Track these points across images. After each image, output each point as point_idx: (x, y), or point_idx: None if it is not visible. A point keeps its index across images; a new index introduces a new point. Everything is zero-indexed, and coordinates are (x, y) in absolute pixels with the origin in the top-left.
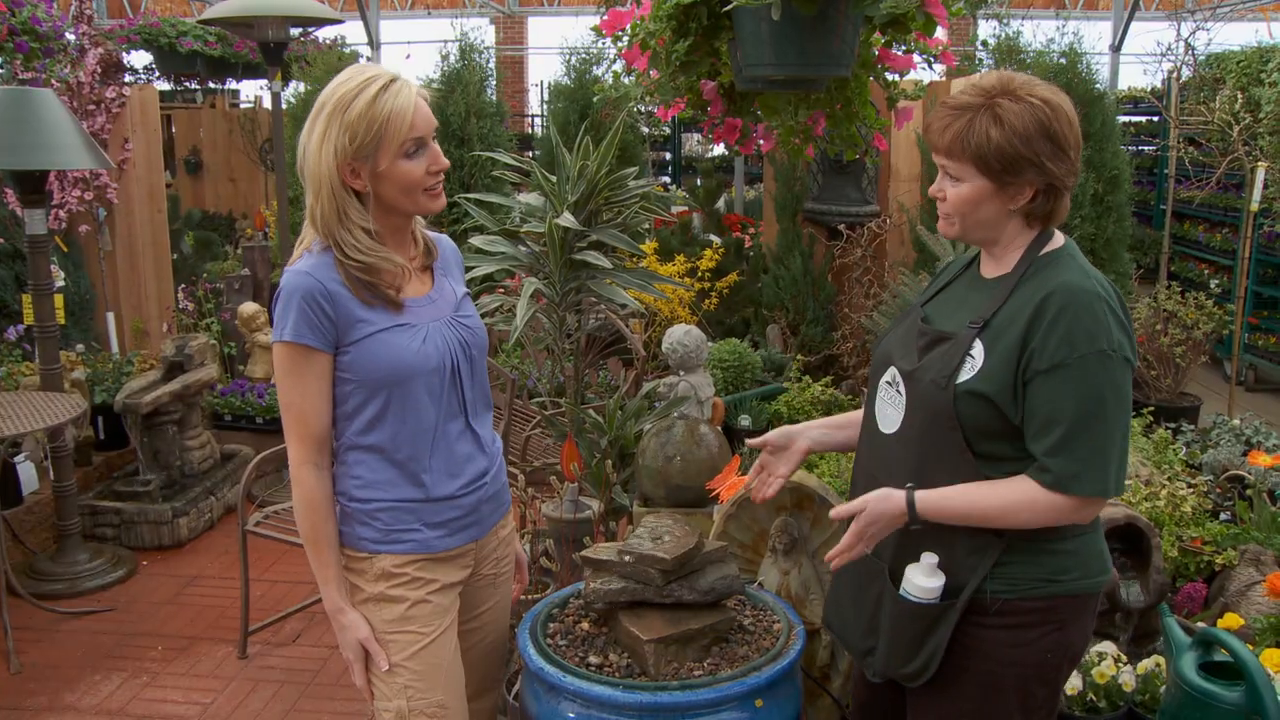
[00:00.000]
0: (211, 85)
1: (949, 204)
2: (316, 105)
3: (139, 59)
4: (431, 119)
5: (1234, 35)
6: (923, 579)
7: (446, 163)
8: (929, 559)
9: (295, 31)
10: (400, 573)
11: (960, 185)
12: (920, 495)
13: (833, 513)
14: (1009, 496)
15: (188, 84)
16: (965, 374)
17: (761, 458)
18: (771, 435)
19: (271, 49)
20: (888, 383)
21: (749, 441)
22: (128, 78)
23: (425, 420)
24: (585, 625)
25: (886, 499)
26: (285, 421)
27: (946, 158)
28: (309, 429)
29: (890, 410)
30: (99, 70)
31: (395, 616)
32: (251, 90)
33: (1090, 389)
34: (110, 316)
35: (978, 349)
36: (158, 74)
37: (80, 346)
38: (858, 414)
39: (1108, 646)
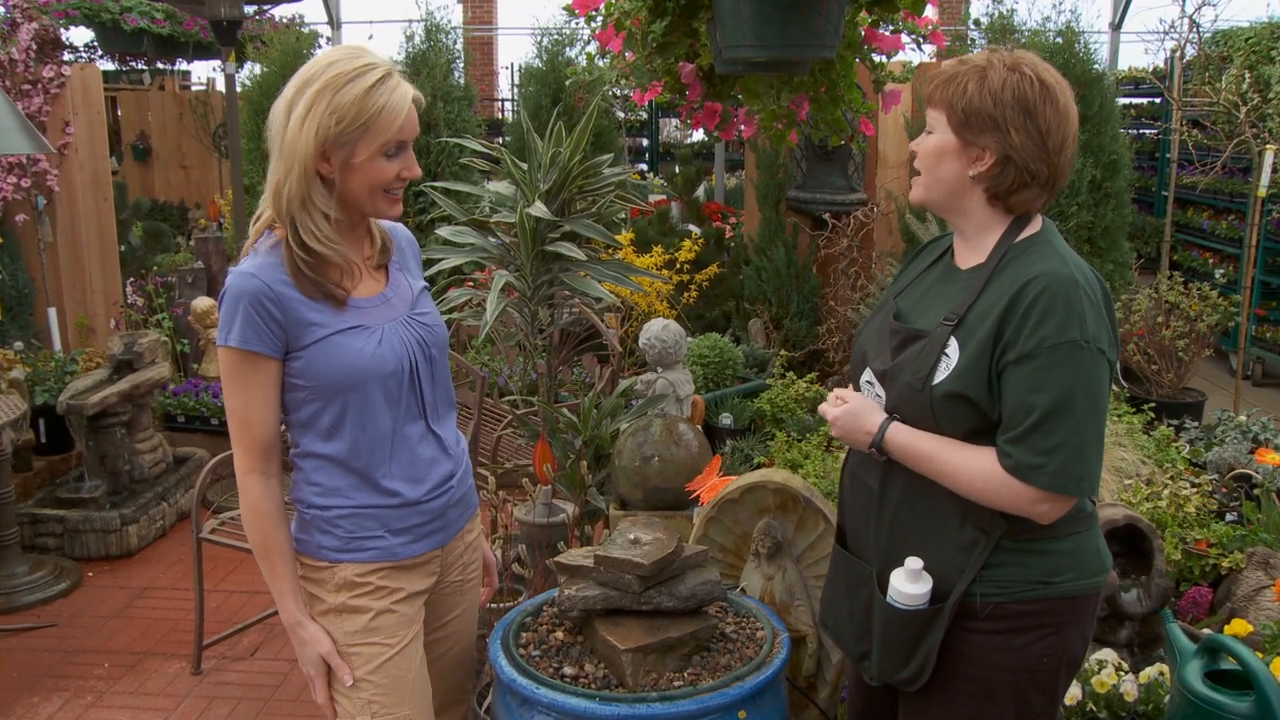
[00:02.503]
0: (160, 66)
1: (919, 157)
2: (301, 78)
3: (79, 36)
4: (417, 126)
5: (1242, 11)
6: (908, 585)
7: (419, 172)
8: (913, 564)
9: (250, 9)
10: (363, 582)
11: (931, 137)
12: (894, 425)
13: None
14: (972, 460)
15: (134, 64)
16: (941, 374)
17: None
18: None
19: (224, 28)
20: (867, 383)
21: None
22: (67, 56)
23: (383, 425)
24: (560, 634)
25: (866, 414)
26: (230, 428)
27: (928, 104)
28: (253, 436)
29: None
30: (34, 47)
31: (358, 628)
32: (203, 72)
33: (1059, 380)
34: (52, 312)
35: (953, 347)
36: (100, 53)
37: (19, 344)
38: None
39: (1108, 654)
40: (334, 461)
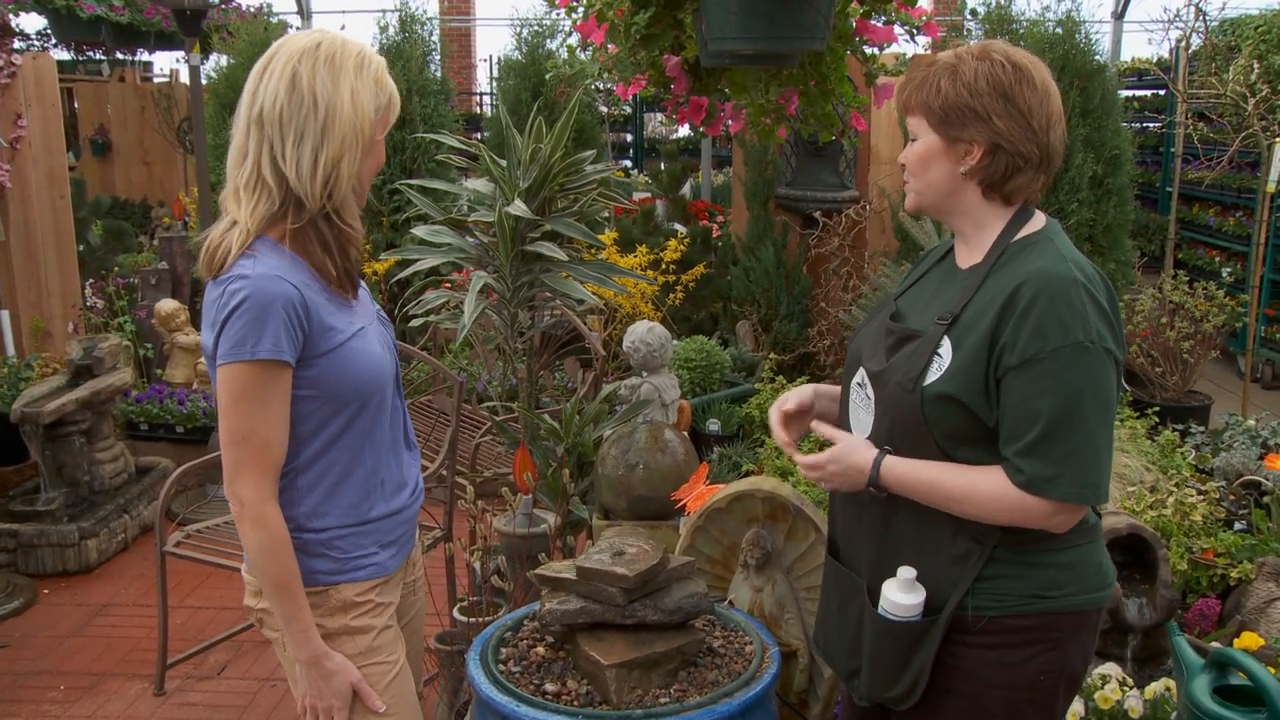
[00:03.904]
0: (120, 56)
1: (907, 166)
2: (324, 54)
3: (31, 23)
4: None
5: None
6: (900, 596)
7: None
8: (906, 573)
9: None
10: (365, 600)
11: (915, 143)
12: (889, 458)
13: (808, 455)
14: (979, 483)
15: (91, 53)
16: (933, 375)
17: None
18: (791, 406)
19: (188, 16)
20: (858, 384)
21: (772, 418)
22: (18, 44)
23: (383, 431)
24: (541, 650)
25: (857, 449)
26: (240, 453)
27: (904, 112)
28: (272, 459)
29: (862, 414)
30: None
31: (363, 648)
32: (166, 63)
33: (1066, 385)
34: (4, 315)
35: (945, 347)
36: (54, 41)
37: None
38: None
39: (1112, 668)
40: (332, 477)
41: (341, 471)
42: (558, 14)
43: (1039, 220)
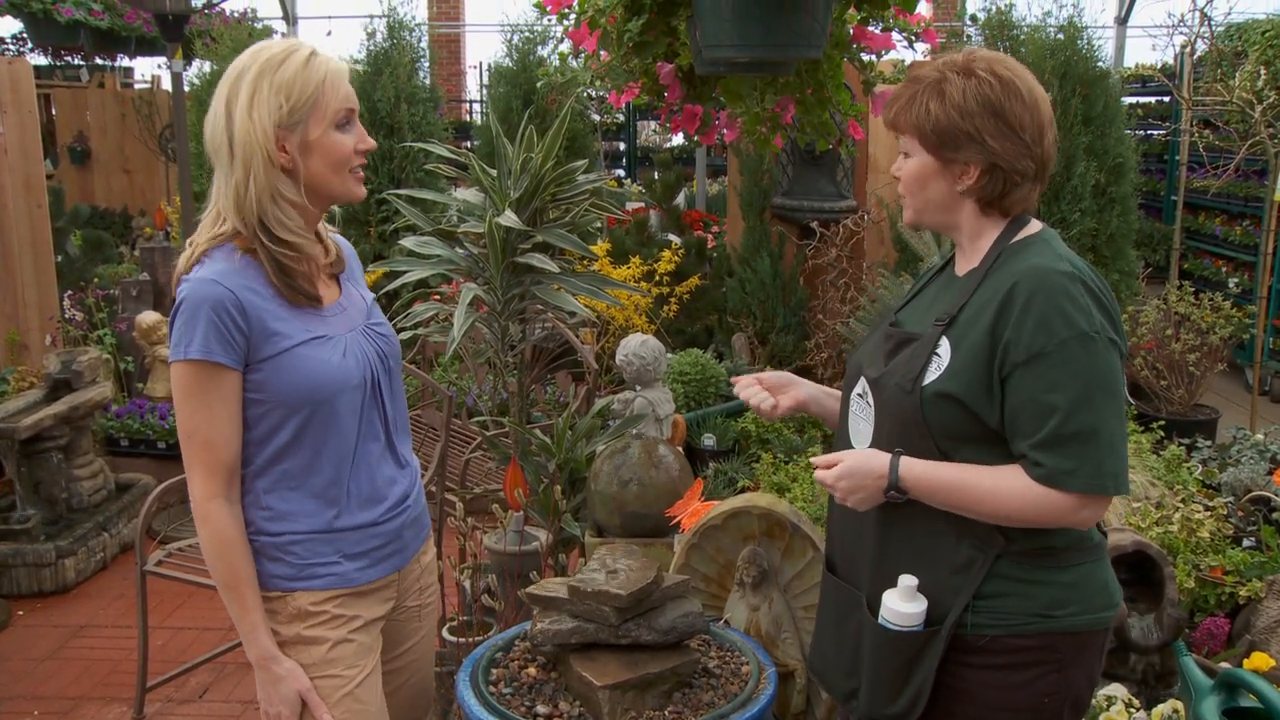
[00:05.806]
0: (99, 61)
1: (901, 182)
2: (233, 73)
3: (6, 27)
4: (355, 97)
5: (1257, 2)
6: (901, 604)
7: (373, 143)
8: (907, 581)
9: (198, 2)
10: (319, 610)
11: (909, 161)
12: (906, 459)
13: (814, 459)
14: (1002, 481)
15: (70, 59)
16: (931, 374)
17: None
18: (767, 375)
19: (170, 22)
20: (859, 395)
21: (734, 380)
22: None
23: (346, 442)
24: (532, 670)
25: (871, 456)
26: (188, 451)
27: (894, 130)
28: (218, 458)
29: (862, 424)
30: None
31: (316, 660)
32: (147, 69)
33: (1076, 376)
34: None
35: (944, 347)
36: (31, 46)
37: None
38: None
39: (1118, 689)
40: (289, 482)
41: (297, 478)
42: (549, 20)
43: (1034, 226)
